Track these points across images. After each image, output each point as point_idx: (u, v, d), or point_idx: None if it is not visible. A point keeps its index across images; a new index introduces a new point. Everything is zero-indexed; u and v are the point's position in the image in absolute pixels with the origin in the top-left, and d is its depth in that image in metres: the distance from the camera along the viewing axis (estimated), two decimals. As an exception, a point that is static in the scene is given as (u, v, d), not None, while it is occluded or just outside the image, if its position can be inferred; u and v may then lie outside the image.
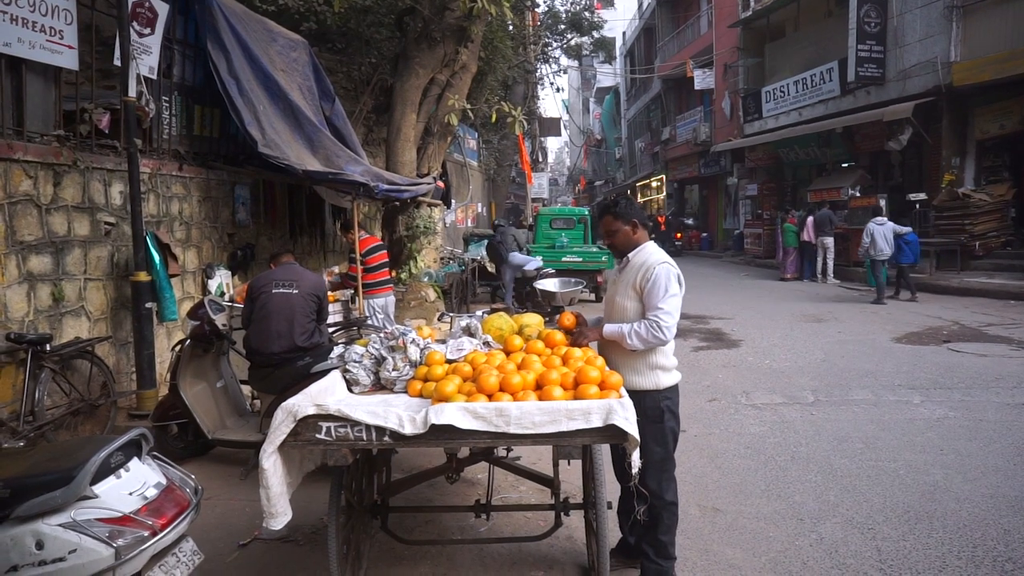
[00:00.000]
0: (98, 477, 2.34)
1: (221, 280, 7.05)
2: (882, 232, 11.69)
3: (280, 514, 2.54)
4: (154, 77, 6.06)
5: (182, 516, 2.51)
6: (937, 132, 14.41)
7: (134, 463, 2.53)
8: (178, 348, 4.93)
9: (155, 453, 2.70)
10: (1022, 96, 12.79)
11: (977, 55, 13.27)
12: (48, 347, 4.67)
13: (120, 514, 2.33)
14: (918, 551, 3.43)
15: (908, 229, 12.12)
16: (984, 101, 13.69)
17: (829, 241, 15.13)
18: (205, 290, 6.85)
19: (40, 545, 2.23)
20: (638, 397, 2.65)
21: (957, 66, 13.52)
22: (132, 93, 5.43)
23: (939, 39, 13.94)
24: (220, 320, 4.83)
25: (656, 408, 2.99)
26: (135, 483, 2.46)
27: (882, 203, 15.00)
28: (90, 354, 5.13)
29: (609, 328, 3.05)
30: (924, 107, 13.98)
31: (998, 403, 5.81)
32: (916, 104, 13.89)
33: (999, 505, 3.90)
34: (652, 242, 3.18)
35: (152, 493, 2.47)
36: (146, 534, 2.34)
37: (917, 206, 14.46)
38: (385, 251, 7.56)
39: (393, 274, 7.84)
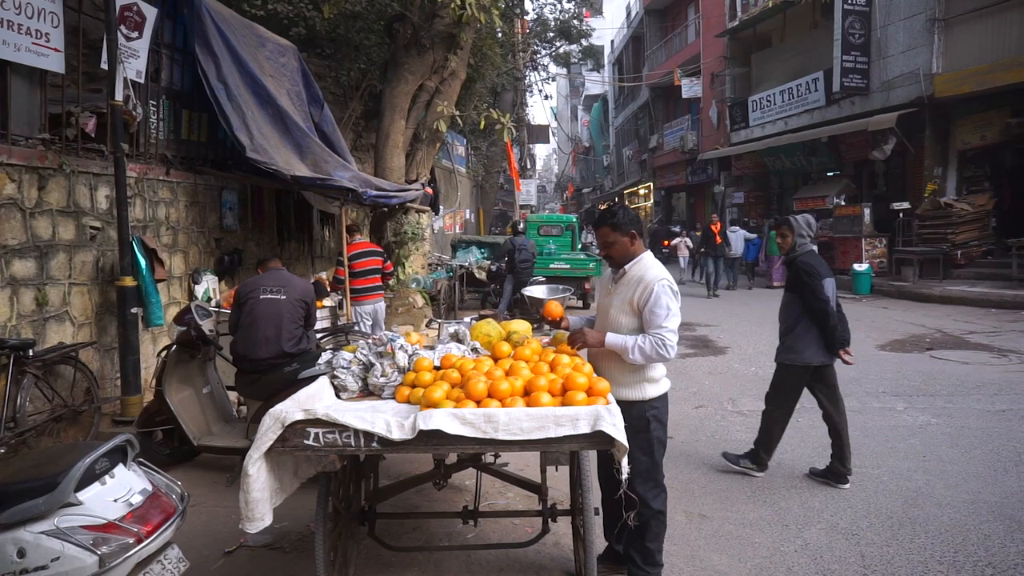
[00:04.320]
0: (82, 484, 2.32)
1: (208, 285, 7.01)
2: (735, 238, 16.36)
3: (258, 519, 2.52)
4: (142, 81, 6.03)
5: (168, 523, 2.49)
6: (920, 142, 14.62)
7: (119, 469, 2.51)
8: (164, 354, 4.90)
9: (140, 459, 2.68)
10: (1002, 108, 13.01)
11: (959, 67, 13.50)
12: (31, 352, 4.62)
13: (105, 521, 2.31)
14: (901, 556, 3.47)
15: (755, 236, 17.16)
16: (965, 112, 13.91)
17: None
18: (192, 295, 6.81)
19: (22, 553, 2.20)
20: (624, 407, 2.65)
21: (939, 78, 13.75)
22: (119, 97, 5.39)
23: (922, 51, 14.17)
24: (207, 325, 4.80)
25: (642, 418, 2.99)
26: (120, 490, 2.44)
27: (866, 211, 15.26)
28: (74, 359, 5.08)
29: (612, 338, 2.96)
30: (907, 117, 14.18)
31: (979, 410, 5.89)
32: (899, 114, 14.09)
33: (980, 511, 3.95)
34: (649, 253, 3.14)
35: (137, 500, 2.45)
36: (131, 541, 2.32)
37: (901, 215, 14.65)
38: (376, 257, 7.52)
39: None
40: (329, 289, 7.48)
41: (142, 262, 5.69)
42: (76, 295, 5.44)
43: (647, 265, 3.06)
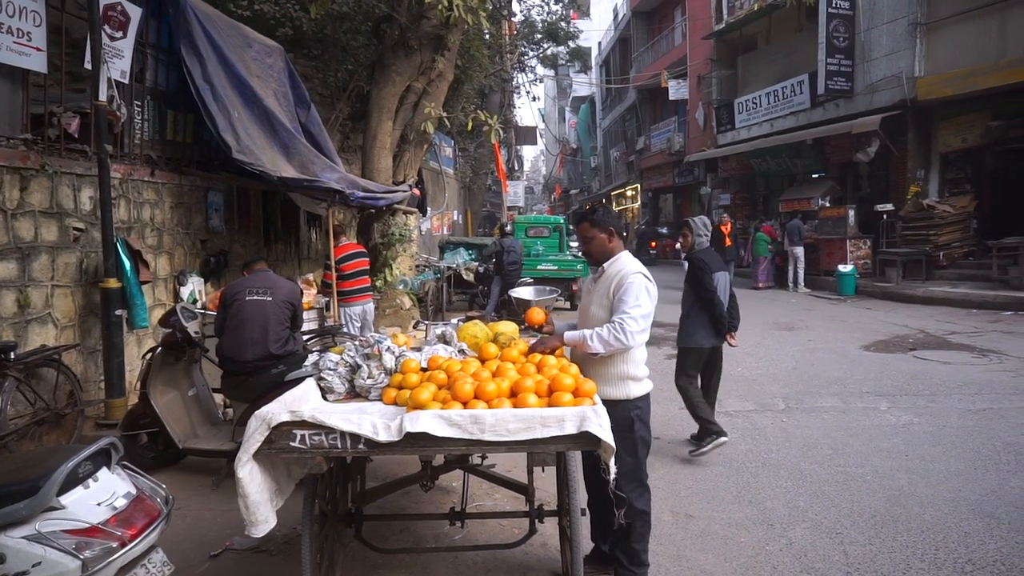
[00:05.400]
0: (65, 487, 2.30)
1: (193, 287, 6.97)
2: None
3: (262, 521, 2.52)
4: (126, 81, 5.98)
5: (152, 526, 2.47)
6: (903, 145, 14.79)
7: (103, 473, 2.49)
8: (149, 356, 4.86)
9: (125, 462, 2.66)
10: (983, 111, 13.19)
11: (940, 71, 13.68)
12: (12, 355, 4.56)
13: (88, 525, 2.29)
14: (883, 554, 3.51)
15: None
16: (947, 115, 14.09)
17: (799, 250, 15.40)
18: (177, 297, 6.75)
19: (2, 559, 2.18)
20: (608, 407, 2.66)
21: (921, 81, 13.92)
22: (103, 97, 5.35)
23: (904, 54, 14.34)
24: (192, 327, 4.78)
25: (626, 418, 3.01)
26: (104, 493, 2.42)
27: (851, 213, 15.45)
28: (56, 362, 5.02)
29: (570, 334, 3.05)
30: (890, 120, 14.34)
31: (960, 409, 5.97)
32: (883, 117, 14.23)
33: (960, 509, 4.01)
34: (627, 252, 3.21)
35: (121, 503, 2.44)
36: (115, 545, 2.31)
37: (885, 216, 14.81)
38: (364, 259, 7.51)
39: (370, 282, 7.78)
40: (316, 291, 7.45)
41: (127, 264, 5.64)
42: (59, 297, 5.38)
43: (625, 262, 3.13)
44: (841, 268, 14.63)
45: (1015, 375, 7.04)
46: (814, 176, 18.63)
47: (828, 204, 16.59)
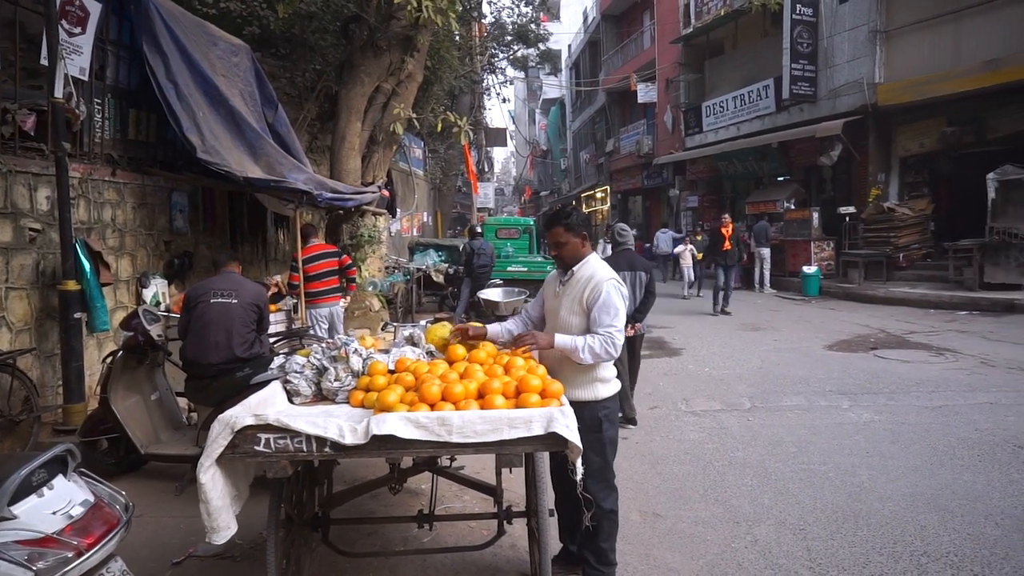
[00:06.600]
0: (18, 496, 2.23)
1: (157, 289, 6.82)
2: (664, 238, 18.97)
3: (223, 528, 2.48)
4: (85, 78, 5.84)
5: (111, 535, 2.41)
6: (864, 149, 15.17)
7: (59, 480, 2.42)
8: (109, 360, 4.74)
9: (83, 470, 2.60)
10: (939, 117, 13.60)
11: (899, 77, 14.07)
12: (-36, 360, 4.43)
13: (41, 535, 2.23)
14: (845, 549, 3.59)
15: (682, 235, 18.84)
16: (906, 120, 14.50)
17: (766, 252, 15.68)
18: (139, 299, 6.60)
19: (-50, 571, 2.11)
20: (577, 408, 2.68)
21: (882, 87, 14.29)
22: (60, 94, 5.20)
23: (865, 61, 14.71)
24: (155, 330, 4.68)
25: (594, 418, 3.03)
26: (59, 502, 2.35)
27: (815, 215, 15.75)
28: (11, 367, 4.87)
29: (561, 339, 3.00)
30: (852, 125, 14.70)
31: (918, 406, 6.14)
32: (845, 122, 14.59)
33: (917, 503, 4.12)
34: (595, 254, 3.20)
35: (78, 511, 2.37)
36: (70, 555, 2.25)
37: (847, 219, 15.16)
38: (332, 259, 7.41)
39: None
40: (284, 293, 7.35)
41: (86, 265, 5.50)
42: (14, 300, 5.22)
43: (595, 266, 3.12)
44: (806, 269, 14.94)
45: (969, 373, 7.27)
46: (779, 179, 18.98)
47: (793, 206, 16.92)
